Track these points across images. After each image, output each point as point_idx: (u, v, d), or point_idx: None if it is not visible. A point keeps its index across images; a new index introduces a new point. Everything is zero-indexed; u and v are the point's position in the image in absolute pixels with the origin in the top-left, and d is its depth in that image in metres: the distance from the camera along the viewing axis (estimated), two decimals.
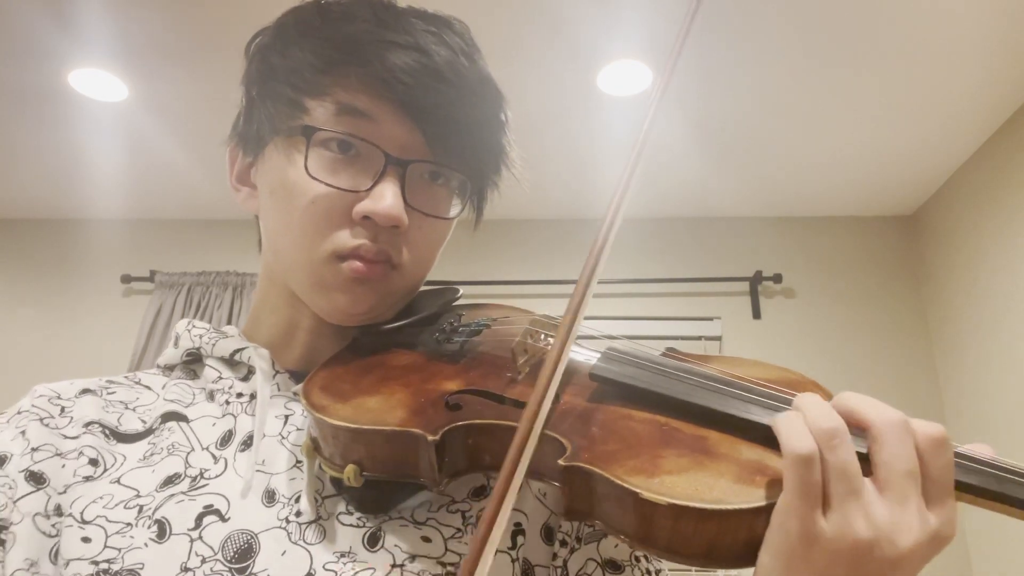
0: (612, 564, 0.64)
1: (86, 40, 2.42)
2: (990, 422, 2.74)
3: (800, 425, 0.44)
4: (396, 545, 0.57)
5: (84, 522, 0.58)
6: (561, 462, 0.49)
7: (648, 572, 0.66)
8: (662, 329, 3.17)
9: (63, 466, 0.61)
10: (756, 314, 3.24)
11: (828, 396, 0.52)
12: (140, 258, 3.44)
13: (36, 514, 0.58)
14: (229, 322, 3.24)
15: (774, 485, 0.45)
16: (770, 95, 2.60)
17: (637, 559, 0.66)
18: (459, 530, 0.60)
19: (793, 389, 0.52)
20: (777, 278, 3.24)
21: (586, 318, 0.53)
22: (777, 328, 3.23)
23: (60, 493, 0.60)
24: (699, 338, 3.19)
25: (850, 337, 3.18)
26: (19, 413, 0.65)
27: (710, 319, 3.24)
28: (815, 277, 3.29)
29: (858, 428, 0.45)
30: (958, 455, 0.46)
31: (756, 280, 3.25)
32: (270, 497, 0.59)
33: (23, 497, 0.59)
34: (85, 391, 0.68)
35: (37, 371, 3.25)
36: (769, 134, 2.81)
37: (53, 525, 0.58)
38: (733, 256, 3.32)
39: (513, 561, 0.60)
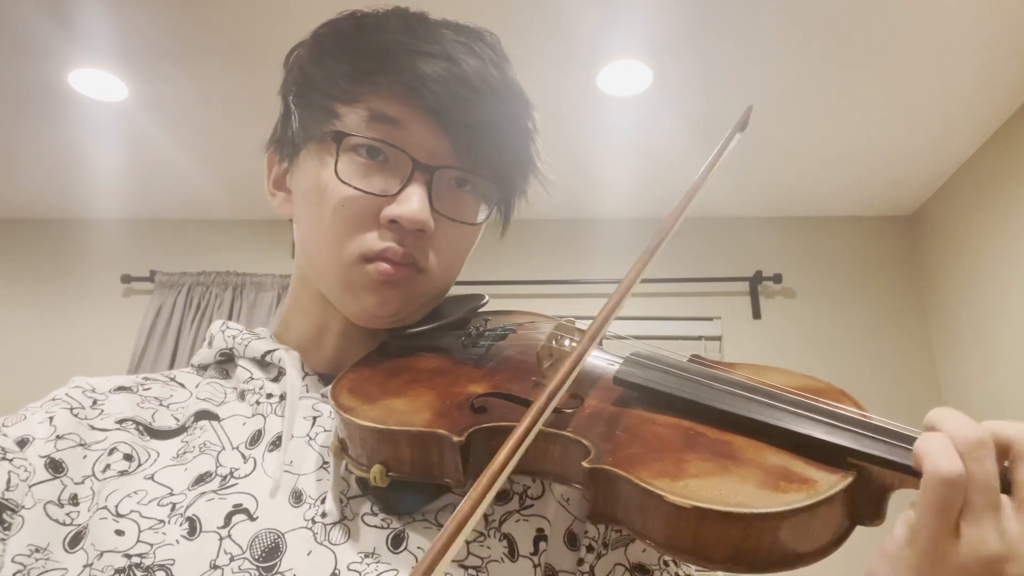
0: (641, 568, 0.65)
1: (86, 40, 2.41)
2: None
3: (945, 444, 0.43)
4: (419, 547, 0.58)
5: (119, 515, 0.59)
6: (585, 464, 0.49)
7: None
8: (662, 329, 3.17)
9: (84, 456, 0.62)
10: (756, 314, 3.25)
11: (857, 405, 0.53)
12: (140, 258, 3.44)
13: (48, 502, 0.59)
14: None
15: (799, 490, 0.45)
16: (770, 95, 2.60)
17: (666, 563, 0.66)
18: (481, 534, 0.60)
19: (820, 397, 0.53)
20: (777, 278, 3.25)
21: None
22: (777, 328, 3.23)
23: (78, 483, 0.61)
24: (699, 338, 3.20)
25: (850, 337, 3.18)
26: (52, 400, 0.66)
27: (710, 319, 3.24)
28: (815, 277, 3.29)
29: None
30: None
31: (756, 280, 3.26)
32: (297, 497, 0.60)
33: (39, 484, 0.59)
34: (120, 388, 0.69)
35: (37, 371, 3.24)
36: (769, 134, 2.82)
37: (68, 513, 0.59)
38: (733, 256, 3.33)
39: (535, 567, 0.60)
